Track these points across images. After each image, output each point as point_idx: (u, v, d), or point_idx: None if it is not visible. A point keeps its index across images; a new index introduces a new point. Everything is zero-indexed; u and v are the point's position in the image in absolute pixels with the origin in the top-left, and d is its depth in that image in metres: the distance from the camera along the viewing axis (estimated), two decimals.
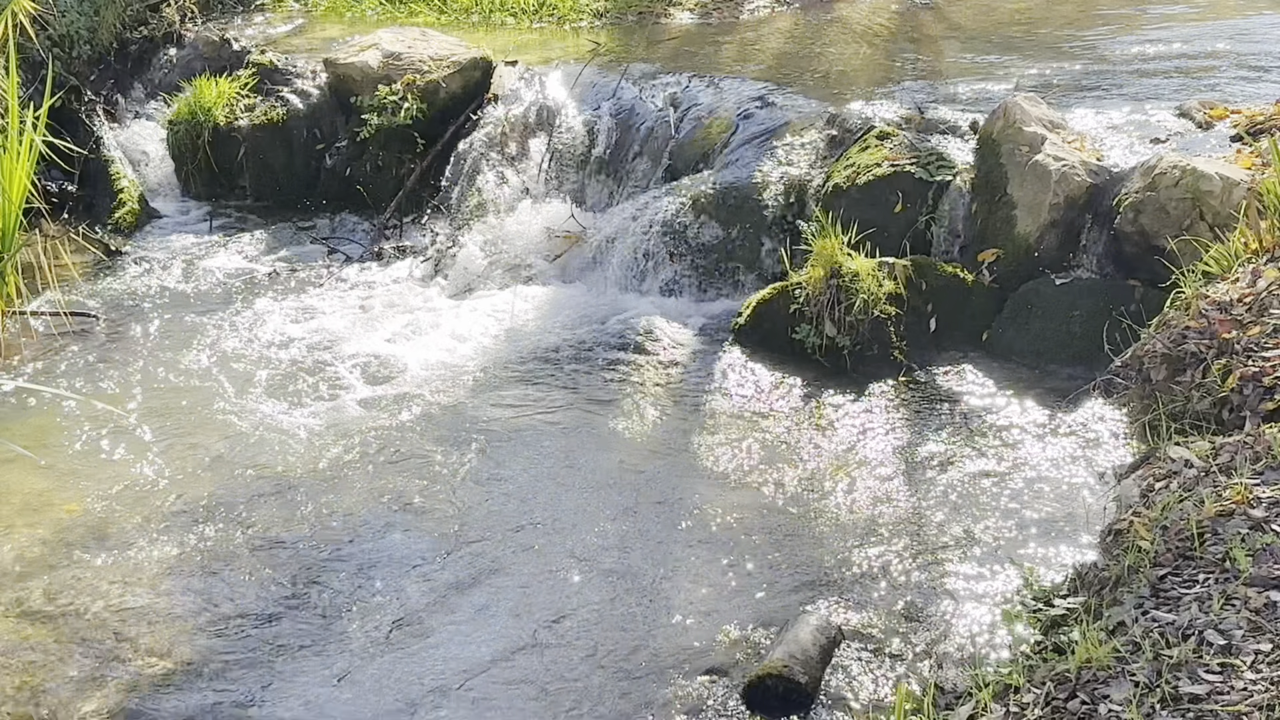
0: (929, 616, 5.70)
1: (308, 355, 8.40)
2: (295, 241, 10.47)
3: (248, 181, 11.13)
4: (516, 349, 8.47)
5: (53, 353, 8.48)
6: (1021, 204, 8.12)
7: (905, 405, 7.51)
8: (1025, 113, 8.38)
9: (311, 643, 5.73)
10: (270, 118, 11.05)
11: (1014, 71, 10.21)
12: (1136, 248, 7.70)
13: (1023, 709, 3.96)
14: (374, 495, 6.85)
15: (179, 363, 8.33)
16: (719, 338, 8.42)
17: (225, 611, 5.95)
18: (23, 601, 6.00)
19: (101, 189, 10.95)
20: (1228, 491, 4.78)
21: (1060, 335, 7.79)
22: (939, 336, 8.05)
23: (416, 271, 9.81)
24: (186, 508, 6.75)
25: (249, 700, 5.40)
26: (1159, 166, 7.68)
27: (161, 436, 7.42)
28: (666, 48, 11.74)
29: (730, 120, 9.84)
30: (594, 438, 7.41)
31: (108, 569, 6.25)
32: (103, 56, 11.92)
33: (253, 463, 7.16)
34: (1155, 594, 4.36)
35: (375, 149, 10.82)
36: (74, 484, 6.96)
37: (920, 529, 6.35)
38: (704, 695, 5.31)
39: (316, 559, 6.32)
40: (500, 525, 6.57)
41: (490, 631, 5.76)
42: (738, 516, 6.56)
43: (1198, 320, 6.01)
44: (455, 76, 10.97)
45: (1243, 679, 3.78)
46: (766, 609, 5.82)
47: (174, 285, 9.66)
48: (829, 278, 7.96)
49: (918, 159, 8.65)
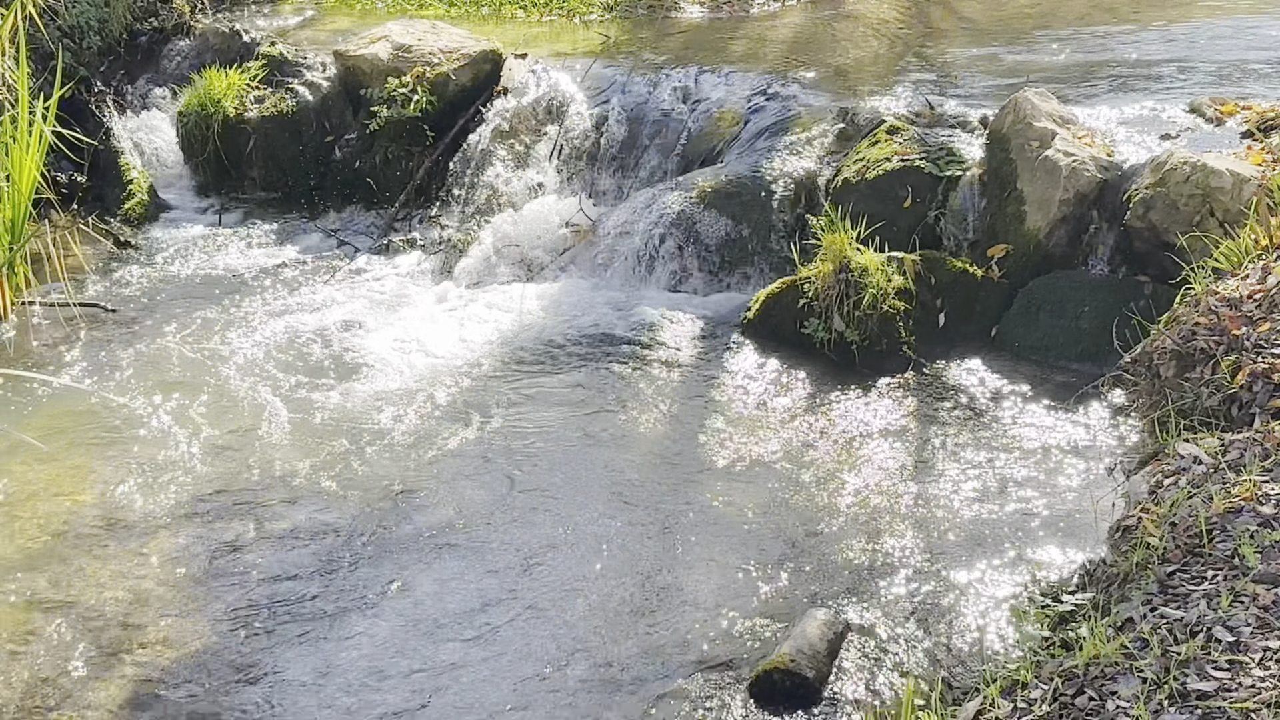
0: (937, 612, 5.69)
1: (315, 347, 8.40)
2: (304, 233, 10.48)
3: (257, 173, 11.14)
4: (524, 341, 8.46)
5: (62, 343, 8.49)
6: (1031, 199, 8.11)
7: (913, 400, 7.50)
8: (1035, 108, 8.37)
9: (318, 634, 5.73)
10: (280, 109, 11.06)
11: (1024, 66, 10.20)
12: (1146, 244, 7.69)
13: (1030, 704, 3.95)
14: (379, 487, 6.85)
15: (188, 353, 8.33)
16: (727, 331, 8.41)
17: (233, 602, 5.95)
18: (32, 591, 6.00)
19: (111, 180, 10.96)
20: (1236, 488, 4.77)
21: (1070, 331, 7.78)
22: (948, 332, 8.05)
23: (425, 264, 9.81)
24: (195, 498, 6.76)
25: (256, 692, 5.40)
26: (1169, 162, 7.67)
27: (170, 427, 7.42)
28: (677, 41, 11.74)
29: (740, 114, 9.85)
30: (601, 430, 7.40)
31: (116, 559, 6.25)
32: (113, 47, 11.94)
33: (262, 453, 7.17)
34: (1163, 590, 4.35)
35: (385, 141, 10.82)
36: (82, 474, 6.97)
37: (928, 524, 6.34)
38: (711, 689, 5.31)
39: (323, 549, 6.33)
40: (503, 519, 6.57)
41: (495, 624, 5.76)
42: (745, 511, 6.55)
43: (1207, 316, 6.00)
44: (465, 69, 10.97)
45: (1251, 676, 3.77)
46: (774, 603, 5.82)
47: (183, 276, 9.67)
48: (838, 272, 7.96)
49: (927, 154, 8.66)
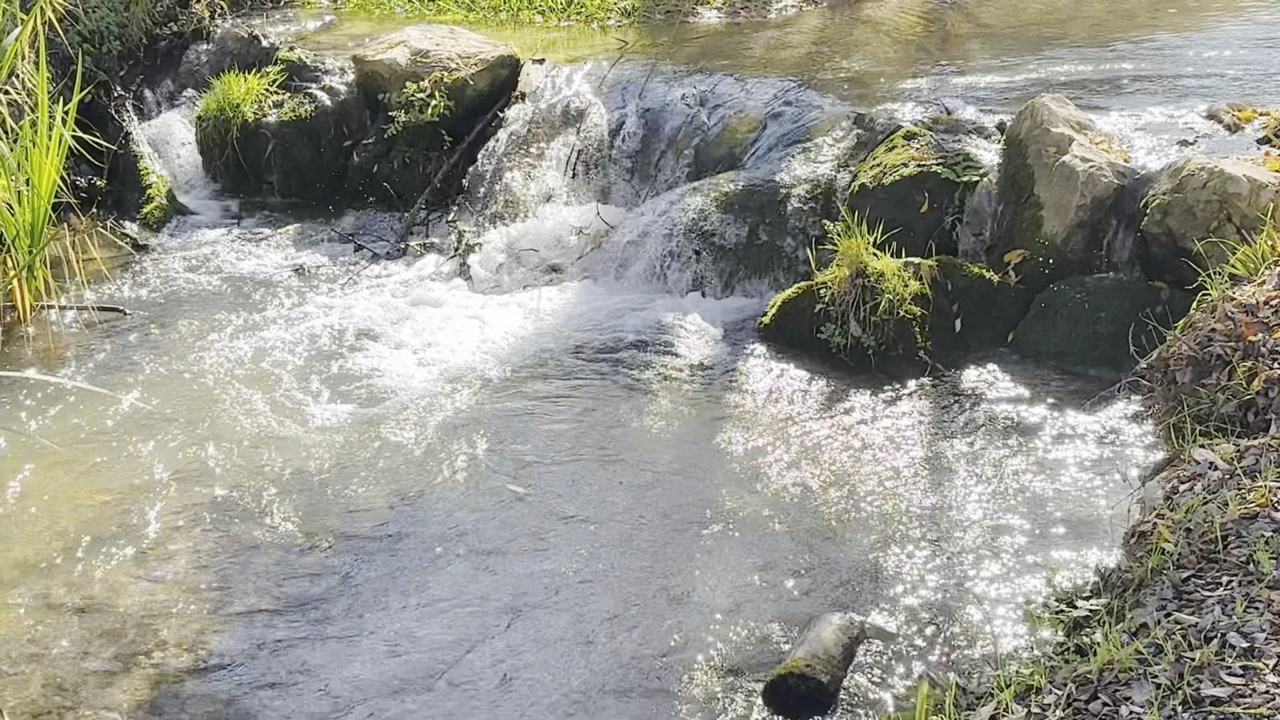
0: (952, 617, 5.68)
1: (332, 351, 8.43)
2: (322, 238, 10.50)
3: (275, 178, 11.18)
4: (540, 346, 8.47)
5: (80, 346, 8.54)
6: (1048, 205, 8.09)
7: (930, 405, 7.50)
8: (1052, 113, 8.36)
9: (335, 635, 5.75)
10: (298, 114, 11.10)
11: (1042, 72, 10.18)
12: (1163, 249, 7.67)
13: (1044, 710, 3.95)
14: (395, 491, 6.87)
15: (205, 357, 8.36)
16: (744, 337, 8.42)
17: (251, 605, 5.98)
18: (48, 593, 6.03)
19: (130, 184, 11.04)
20: (1252, 494, 4.76)
21: (1086, 337, 7.76)
22: (964, 337, 8.04)
23: (442, 269, 9.83)
24: (212, 501, 6.79)
25: (272, 694, 5.42)
26: (1186, 168, 7.65)
27: (187, 430, 7.45)
28: (694, 46, 11.75)
29: (757, 119, 9.85)
30: (617, 435, 7.41)
31: (133, 561, 6.28)
32: (132, 52, 11.99)
33: (278, 456, 7.19)
34: (1178, 596, 4.35)
35: (402, 146, 10.84)
36: (99, 476, 7.00)
37: (944, 529, 6.33)
38: (724, 693, 5.31)
39: (341, 552, 6.35)
40: (517, 522, 6.58)
41: (509, 625, 5.77)
42: (761, 515, 6.56)
43: (1223, 323, 5.99)
44: (483, 74, 11.00)
45: (1265, 682, 3.77)
46: (789, 608, 5.82)
47: (201, 280, 9.70)
48: (854, 277, 7.96)
49: (944, 159, 8.64)
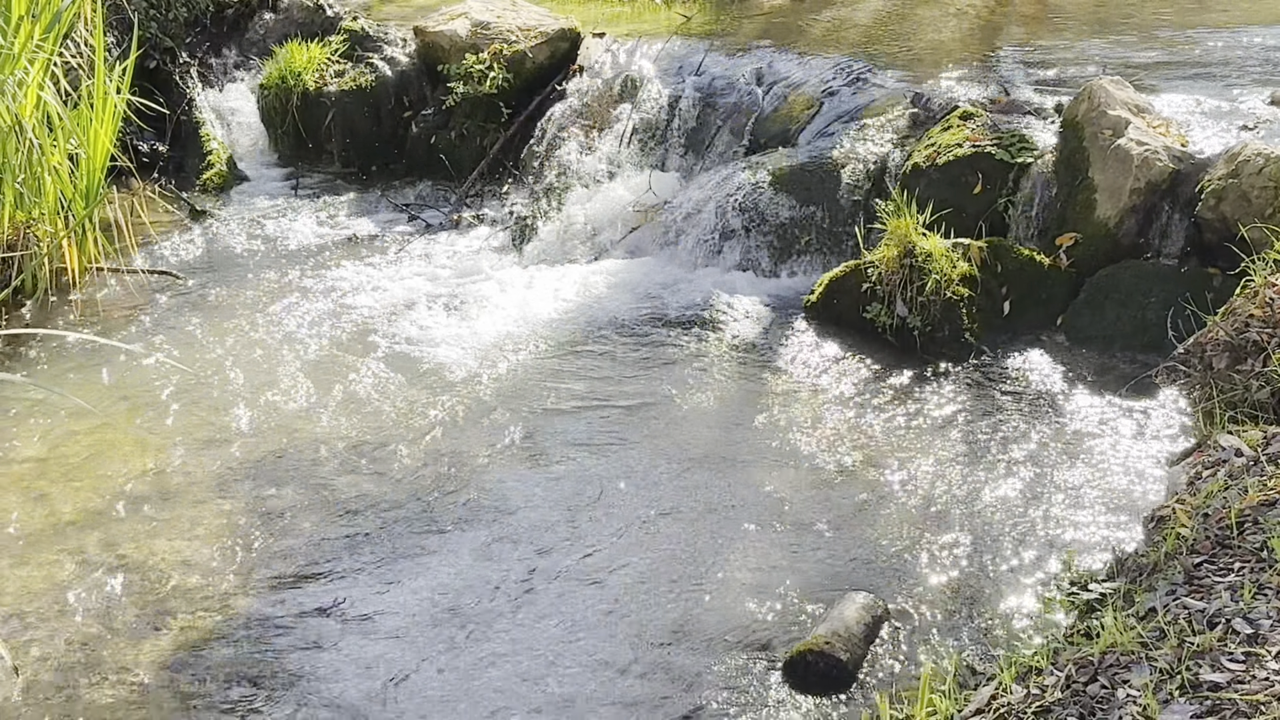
0: (977, 599, 5.65)
1: (378, 319, 8.48)
2: (377, 208, 10.56)
3: (334, 146, 11.23)
4: (588, 320, 8.48)
5: (131, 310, 8.65)
6: (1102, 188, 7.99)
7: (972, 388, 7.43)
8: (1110, 95, 8.25)
9: (365, 605, 5.78)
10: (359, 84, 11.14)
11: (1107, 54, 10.04)
12: (1217, 235, 7.55)
13: (1043, 690, 3.92)
14: (436, 460, 6.90)
15: (255, 322, 8.45)
16: (790, 313, 8.38)
17: (282, 570, 6.03)
18: (83, 550, 6.13)
19: (191, 150, 11.15)
20: (1273, 481, 4.69)
21: (1135, 322, 7.66)
22: (1012, 320, 7.96)
23: (495, 241, 9.86)
24: (252, 465, 6.85)
25: (299, 658, 5.47)
26: (1243, 154, 7.53)
27: (233, 394, 7.54)
28: (757, 23, 11.68)
29: (814, 97, 9.79)
30: (659, 410, 7.40)
31: (168, 522, 6.36)
32: (199, 19, 12.08)
33: (319, 423, 7.25)
34: (1189, 581, 4.30)
35: (460, 118, 10.88)
36: (142, 438, 7.09)
37: (977, 512, 6.28)
38: (745, 669, 5.31)
39: (376, 520, 6.39)
40: (550, 493, 6.60)
41: (535, 596, 5.79)
42: (796, 492, 6.54)
43: (1262, 309, 5.90)
44: (543, 47, 11.00)
45: (1266, 668, 3.71)
46: (816, 586, 5.79)
47: (255, 247, 9.80)
48: (902, 257, 7.89)
49: (999, 140, 8.55)
